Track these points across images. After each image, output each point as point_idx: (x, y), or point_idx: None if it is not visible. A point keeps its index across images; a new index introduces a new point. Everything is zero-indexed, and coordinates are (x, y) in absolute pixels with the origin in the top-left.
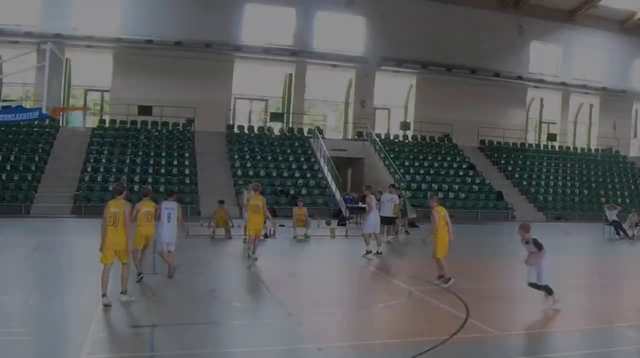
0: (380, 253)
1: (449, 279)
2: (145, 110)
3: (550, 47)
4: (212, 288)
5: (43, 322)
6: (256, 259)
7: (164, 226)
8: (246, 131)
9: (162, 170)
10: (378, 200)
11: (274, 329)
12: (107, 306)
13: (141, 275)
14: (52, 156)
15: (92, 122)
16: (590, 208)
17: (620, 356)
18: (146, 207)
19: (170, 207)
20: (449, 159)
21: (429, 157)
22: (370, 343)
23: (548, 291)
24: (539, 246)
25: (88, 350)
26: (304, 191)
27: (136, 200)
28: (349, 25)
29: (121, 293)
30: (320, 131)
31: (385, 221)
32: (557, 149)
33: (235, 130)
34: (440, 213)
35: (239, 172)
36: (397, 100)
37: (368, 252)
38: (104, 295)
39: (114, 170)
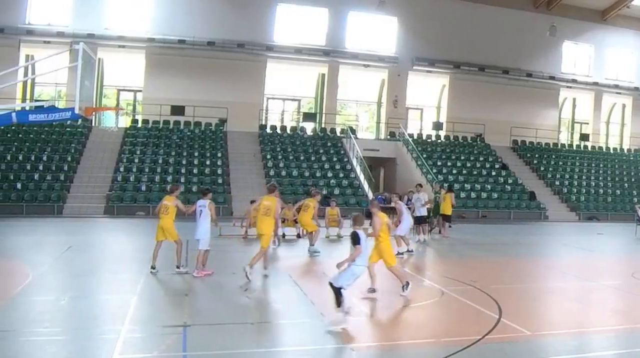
0: (411, 251)
1: (408, 284)
2: (177, 110)
3: (582, 47)
4: (245, 288)
5: (75, 321)
6: (317, 252)
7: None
8: (279, 131)
9: (195, 170)
10: (409, 199)
11: (306, 329)
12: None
13: (154, 268)
14: (84, 156)
15: (125, 122)
16: (623, 208)
17: None
18: (166, 201)
19: (202, 204)
20: (481, 158)
21: (462, 157)
22: (402, 343)
23: (336, 297)
24: (354, 241)
25: (121, 349)
26: (336, 191)
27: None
28: (382, 25)
29: (265, 269)
30: (353, 131)
31: (418, 221)
32: (589, 149)
33: (268, 130)
34: (383, 219)
35: (272, 172)
36: (429, 100)
37: (400, 253)
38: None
39: (146, 170)
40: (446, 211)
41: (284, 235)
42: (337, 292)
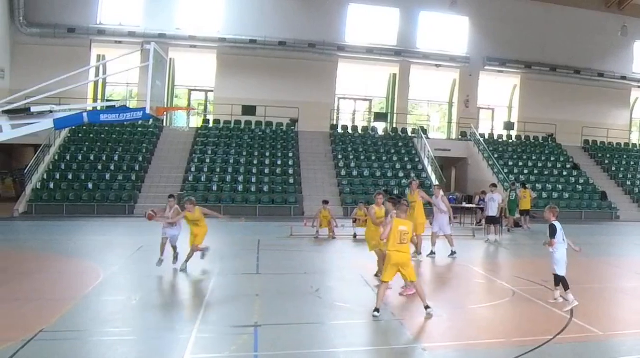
0: (434, 253)
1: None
2: (249, 110)
3: None
4: (316, 288)
5: (146, 322)
6: (420, 254)
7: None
8: (350, 131)
9: (266, 171)
10: (482, 200)
11: (377, 329)
12: (376, 318)
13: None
14: (155, 156)
15: (196, 122)
16: None
17: None
18: (402, 225)
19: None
20: (552, 158)
21: (533, 157)
22: (473, 343)
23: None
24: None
25: (192, 350)
26: (407, 191)
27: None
28: (453, 25)
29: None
30: (424, 131)
31: (490, 220)
32: None
33: (339, 130)
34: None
35: (343, 172)
36: (500, 100)
37: (432, 253)
38: (377, 310)
39: (217, 170)
40: (527, 206)
41: (355, 235)
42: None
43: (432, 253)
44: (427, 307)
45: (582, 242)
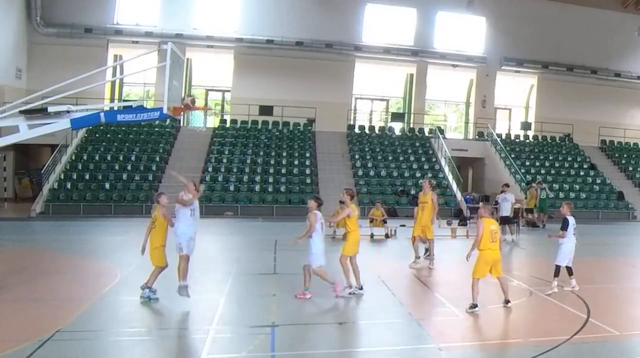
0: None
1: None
2: (266, 110)
3: None
4: (333, 288)
5: (163, 321)
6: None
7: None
8: (367, 131)
9: (283, 170)
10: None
11: (394, 329)
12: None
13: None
14: (173, 156)
15: (213, 122)
16: None
17: None
18: (492, 224)
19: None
20: (569, 159)
21: (550, 157)
22: (490, 343)
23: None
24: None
25: (209, 349)
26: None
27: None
28: (470, 25)
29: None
30: (441, 131)
31: (504, 221)
32: None
33: (356, 130)
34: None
35: (360, 172)
36: (517, 100)
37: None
38: (475, 306)
39: (235, 170)
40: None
41: (372, 235)
42: None
43: (419, 258)
44: (507, 301)
45: (599, 242)
